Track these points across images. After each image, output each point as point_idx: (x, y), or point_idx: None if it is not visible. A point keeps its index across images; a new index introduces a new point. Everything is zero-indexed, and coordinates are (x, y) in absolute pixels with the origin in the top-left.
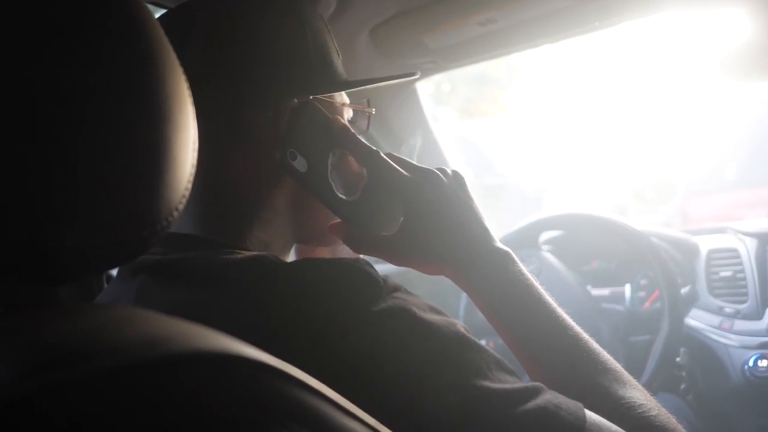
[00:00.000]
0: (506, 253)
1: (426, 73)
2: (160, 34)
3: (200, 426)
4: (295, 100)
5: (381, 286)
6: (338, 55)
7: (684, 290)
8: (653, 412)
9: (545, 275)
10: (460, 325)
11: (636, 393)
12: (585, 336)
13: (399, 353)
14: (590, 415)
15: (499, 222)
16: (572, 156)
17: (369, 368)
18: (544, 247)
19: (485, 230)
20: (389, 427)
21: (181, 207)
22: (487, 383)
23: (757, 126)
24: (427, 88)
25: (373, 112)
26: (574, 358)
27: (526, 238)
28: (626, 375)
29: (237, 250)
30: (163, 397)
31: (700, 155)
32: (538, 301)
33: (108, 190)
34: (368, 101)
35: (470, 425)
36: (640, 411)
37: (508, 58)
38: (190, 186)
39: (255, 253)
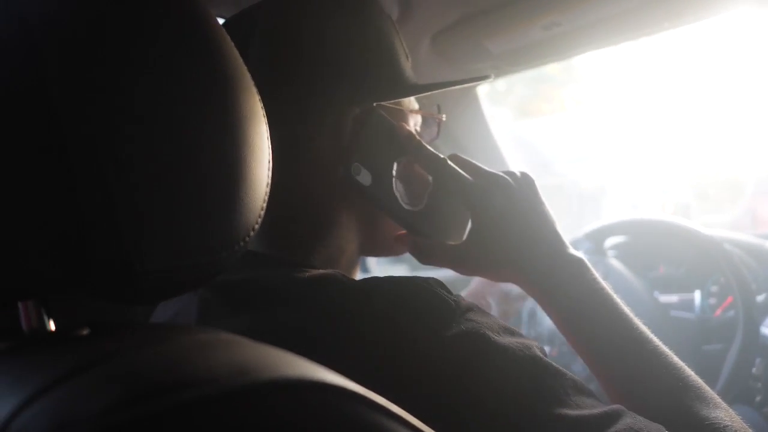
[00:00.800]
0: (580, 261)
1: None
2: (236, 54)
3: None
4: (358, 110)
5: (453, 309)
6: (407, 57)
7: (759, 298)
8: None
9: (611, 282)
10: (536, 347)
11: (720, 413)
12: (664, 349)
13: (473, 381)
14: None
15: (559, 222)
16: (632, 154)
17: (442, 396)
18: (609, 253)
19: (557, 236)
20: None
21: (257, 227)
22: (566, 411)
23: None
24: (483, 88)
25: (444, 119)
26: (653, 374)
27: (592, 244)
28: (709, 392)
29: (304, 269)
30: (251, 425)
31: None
32: (614, 311)
33: (188, 214)
34: (438, 107)
35: None
36: None
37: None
38: (265, 206)
39: (322, 271)
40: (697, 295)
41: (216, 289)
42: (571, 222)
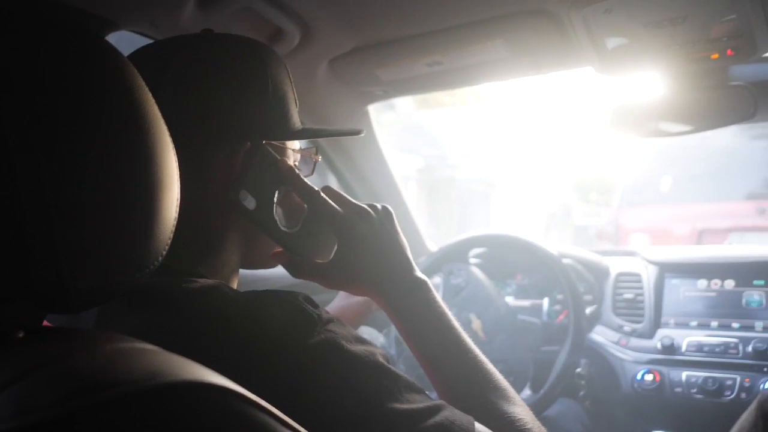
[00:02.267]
0: (423, 282)
1: (378, 98)
2: (148, 97)
3: None
4: (249, 144)
5: (316, 321)
6: (296, 104)
7: (591, 309)
8: (528, 425)
9: (471, 288)
10: (380, 354)
11: (518, 409)
12: (483, 358)
13: (326, 380)
14: (479, 427)
15: (449, 214)
16: (523, 153)
17: (300, 393)
18: (472, 261)
19: (407, 261)
20: None
21: (164, 252)
22: (397, 405)
23: (692, 147)
24: None
25: (319, 159)
26: (471, 376)
27: (458, 252)
28: (512, 392)
29: (193, 279)
30: (160, 418)
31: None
32: (447, 326)
33: (113, 239)
34: (316, 149)
35: None
36: (519, 425)
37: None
38: (172, 235)
39: (209, 282)
40: (546, 302)
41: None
42: (460, 213)
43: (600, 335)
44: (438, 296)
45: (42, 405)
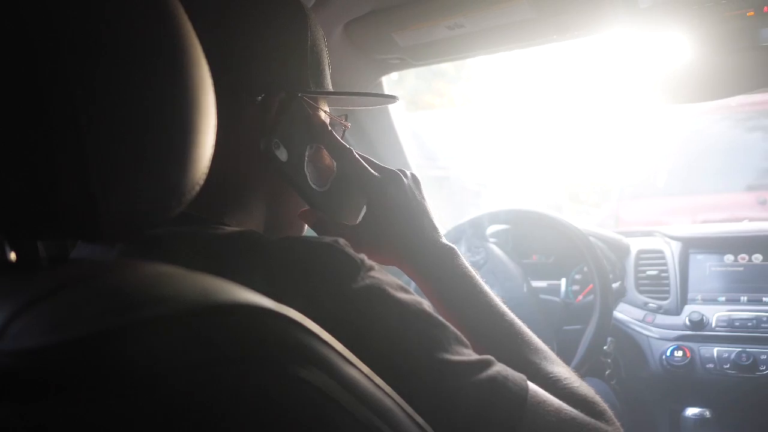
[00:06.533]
0: (451, 249)
1: (394, 67)
2: (187, 22)
3: (238, 363)
4: (284, 94)
5: (359, 265)
6: (329, 68)
7: (615, 285)
8: (576, 383)
9: (491, 265)
10: (426, 304)
11: (561, 369)
12: (518, 322)
13: (372, 326)
14: (531, 385)
15: (440, 214)
16: (513, 154)
17: (344, 338)
18: (491, 239)
19: (435, 228)
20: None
21: (201, 181)
22: (447, 356)
23: (688, 140)
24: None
25: (349, 126)
26: (509, 339)
27: (475, 229)
28: (553, 354)
29: (221, 226)
30: (212, 341)
31: (634, 163)
32: (480, 291)
33: (147, 162)
34: (346, 116)
35: (432, 391)
36: (565, 383)
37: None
38: (209, 163)
39: (239, 228)
40: (563, 283)
41: (137, 243)
42: (452, 212)
43: (624, 313)
44: (472, 258)
45: (75, 321)
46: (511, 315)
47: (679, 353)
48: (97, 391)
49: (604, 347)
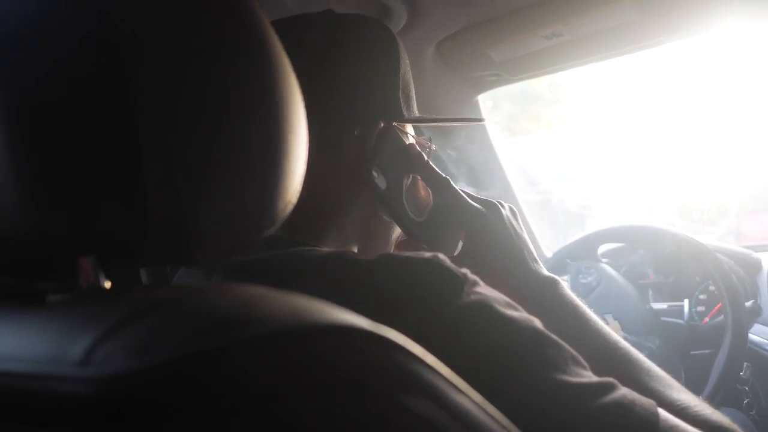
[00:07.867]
0: (554, 280)
1: (490, 84)
2: (279, 46)
3: (335, 388)
4: (382, 124)
5: (462, 281)
6: (414, 94)
7: (748, 304)
8: (707, 411)
9: (604, 287)
10: (537, 321)
11: (688, 396)
12: (634, 350)
13: (481, 346)
14: (662, 411)
15: (542, 238)
16: (617, 173)
17: (452, 359)
18: (603, 260)
19: (535, 259)
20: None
21: (294, 200)
22: (566, 377)
23: None
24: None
25: (434, 148)
26: (626, 367)
27: (585, 250)
28: (676, 382)
29: (314, 248)
30: (305, 361)
31: (752, 173)
32: (588, 320)
33: (238, 181)
34: (430, 138)
35: (552, 416)
36: (695, 410)
37: (552, 74)
38: (301, 181)
39: (331, 250)
40: (686, 304)
41: (228, 270)
42: (556, 235)
43: (760, 335)
44: (571, 293)
45: (161, 344)
46: (625, 343)
47: None
48: (203, 413)
49: (740, 373)
